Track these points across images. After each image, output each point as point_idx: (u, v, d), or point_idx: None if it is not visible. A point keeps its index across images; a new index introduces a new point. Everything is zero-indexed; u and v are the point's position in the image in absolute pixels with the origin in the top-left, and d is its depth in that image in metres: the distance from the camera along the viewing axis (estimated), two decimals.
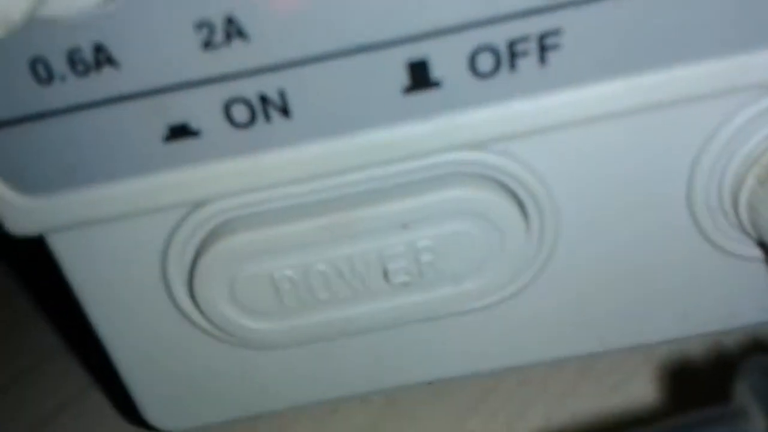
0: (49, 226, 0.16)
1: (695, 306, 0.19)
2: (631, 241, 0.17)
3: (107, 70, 0.14)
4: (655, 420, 0.13)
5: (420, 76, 0.14)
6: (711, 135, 0.16)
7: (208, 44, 0.14)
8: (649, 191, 0.17)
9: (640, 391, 0.20)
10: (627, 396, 0.20)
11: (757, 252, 0.17)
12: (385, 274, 0.17)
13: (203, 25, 0.13)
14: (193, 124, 0.14)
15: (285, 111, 0.14)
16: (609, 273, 0.18)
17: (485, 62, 0.14)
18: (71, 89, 0.14)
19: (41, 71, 0.14)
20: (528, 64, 0.14)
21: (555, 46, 0.14)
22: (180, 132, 0.14)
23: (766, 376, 0.12)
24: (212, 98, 0.14)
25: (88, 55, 0.14)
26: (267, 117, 0.14)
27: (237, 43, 0.14)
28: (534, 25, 0.14)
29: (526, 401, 0.21)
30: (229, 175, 0.15)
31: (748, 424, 0.12)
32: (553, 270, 0.18)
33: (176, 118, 0.14)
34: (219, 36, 0.14)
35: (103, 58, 0.14)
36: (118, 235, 0.16)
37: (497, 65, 0.14)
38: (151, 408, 0.20)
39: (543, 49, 0.14)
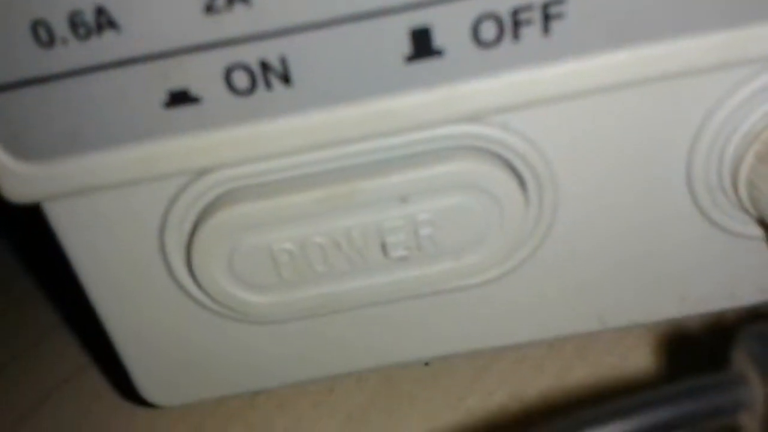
0: (47, 193, 0.15)
1: (695, 285, 0.19)
2: (630, 219, 0.17)
3: (108, 34, 0.14)
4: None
5: (422, 45, 0.14)
6: (711, 111, 0.16)
7: (209, 8, 0.14)
8: (649, 168, 0.17)
9: (638, 370, 0.20)
10: (624, 375, 0.20)
11: (757, 230, 0.17)
12: (384, 248, 0.17)
13: None
14: (194, 91, 0.14)
15: (286, 78, 0.14)
16: (608, 251, 0.18)
17: (488, 31, 0.14)
18: (72, 53, 0.14)
19: (42, 34, 0.14)
20: (531, 33, 0.14)
21: (559, 15, 0.14)
22: (180, 98, 0.14)
23: (764, 342, 0.12)
24: (213, 64, 0.14)
25: (89, 17, 0.13)
26: (268, 84, 0.14)
27: (239, 8, 0.14)
28: None
29: (523, 380, 0.21)
30: (229, 143, 0.15)
31: (746, 390, 0.12)
32: (552, 246, 0.18)
33: (177, 83, 0.14)
34: (221, 0, 0.13)
35: (104, 21, 0.13)
36: (116, 203, 0.16)
37: (500, 34, 0.14)
38: (147, 383, 0.20)
39: (547, 18, 0.14)
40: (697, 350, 0.20)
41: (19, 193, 0.15)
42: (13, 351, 0.26)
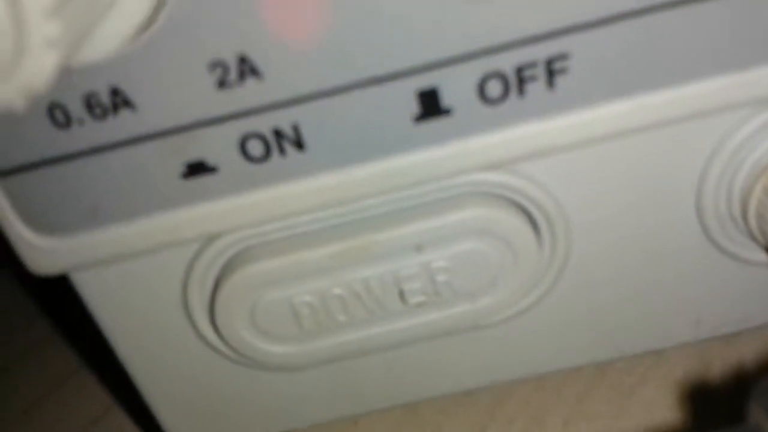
0: (70, 265, 0.16)
1: (709, 310, 0.19)
2: (643, 253, 0.18)
3: (124, 113, 0.14)
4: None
5: (430, 105, 0.14)
6: (717, 148, 0.16)
7: (222, 83, 0.14)
8: (659, 205, 0.17)
9: (656, 393, 0.21)
10: (643, 398, 0.21)
11: (767, 258, 0.18)
12: (402, 295, 0.17)
13: (217, 65, 0.14)
14: (210, 161, 0.15)
15: (299, 144, 0.15)
16: (622, 284, 0.18)
17: (494, 88, 0.14)
18: (89, 132, 0.14)
19: (59, 116, 0.14)
20: (536, 88, 0.14)
21: (562, 70, 0.14)
22: (197, 169, 0.15)
23: None
24: (228, 135, 0.14)
25: (104, 98, 0.14)
26: (282, 150, 0.15)
27: (250, 81, 0.14)
28: (541, 51, 0.14)
29: (542, 406, 0.21)
30: (246, 207, 0.15)
31: None
32: (567, 283, 0.18)
33: (193, 155, 0.15)
34: (233, 75, 0.14)
35: (119, 100, 0.14)
36: (139, 269, 0.16)
37: (506, 91, 0.14)
38: (175, 426, 0.20)
39: (551, 74, 0.14)
40: (718, 401, 0.20)
41: (43, 265, 0.16)
42: (39, 393, 0.26)
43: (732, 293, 0.19)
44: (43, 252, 0.15)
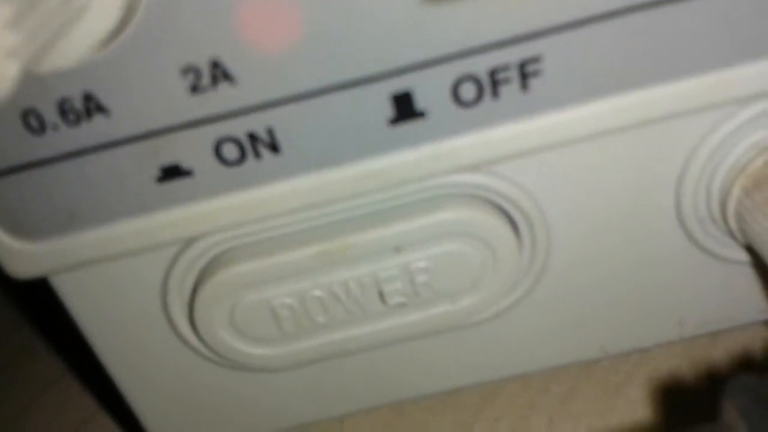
0: (50, 268, 0.16)
1: (692, 309, 0.19)
2: (623, 252, 0.18)
3: (98, 118, 0.14)
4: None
5: (405, 108, 0.14)
6: (695, 148, 0.16)
7: (195, 88, 0.14)
8: (639, 204, 0.17)
9: (642, 391, 0.21)
10: (628, 397, 0.21)
11: (747, 256, 0.18)
12: (381, 296, 0.17)
13: (189, 70, 0.14)
14: (185, 165, 0.15)
15: (274, 147, 0.15)
16: (603, 285, 0.18)
17: (468, 91, 0.14)
18: (64, 138, 0.14)
19: (33, 122, 0.14)
20: (510, 90, 0.14)
21: (536, 73, 0.14)
22: (172, 173, 0.15)
23: (751, 395, 0.12)
24: (202, 139, 0.14)
25: (78, 104, 0.14)
26: (257, 154, 0.15)
27: (223, 86, 0.14)
28: (514, 54, 0.14)
29: (528, 405, 0.21)
30: (222, 210, 0.15)
31: None
32: (548, 283, 0.18)
33: (168, 159, 0.15)
34: (205, 79, 0.14)
35: (93, 106, 0.14)
36: (117, 272, 0.16)
37: (480, 93, 0.14)
38: (159, 429, 0.20)
39: (524, 76, 0.14)
40: (702, 399, 0.20)
41: (22, 270, 0.16)
42: (23, 400, 0.26)
43: (714, 292, 0.19)
44: (21, 256, 0.15)
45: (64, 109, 0.14)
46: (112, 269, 0.16)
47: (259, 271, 0.16)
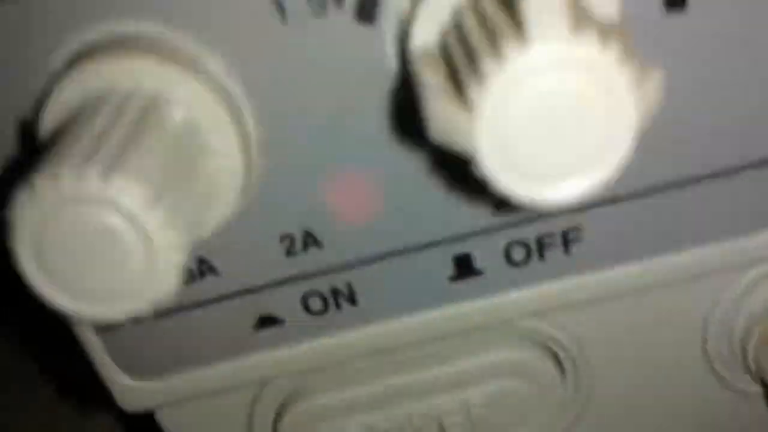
0: (156, 403, 0.18)
1: None
2: (655, 387, 0.20)
3: (208, 277, 0.17)
4: None
5: (464, 267, 0.17)
6: (717, 300, 0.18)
7: (289, 252, 0.17)
8: (668, 347, 0.19)
9: None
10: None
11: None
12: (441, 429, 0.19)
13: (286, 237, 0.16)
14: (278, 315, 0.17)
15: (352, 300, 0.17)
16: (639, 415, 0.20)
17: (518, 254, 0.17)
18: (180, 294, 0.17)
19: None
20: (554, 253, 0.17)
21: (576, 239, 0.17)
22: (268, 321, 0.17)
23: None
24: (293, 293, 0.17)
25: (193, 266, 0.17)
26: (338, 305, 0.17)
27: (312, 250, 0.17)
28: (557, 225, 0.17)
29: None
30: (307, 354, 0.18)
31: None
32: (589, 417, 0.20)
33: (264, 310, 0.17)
34: (298, 245, 0.17)
35: (205, 268, 0.17)
36: (209, 405, 0.19)
37: (528, 256, 0.17)
38: None
39: (566, 243, 0.17)
40: None
41: (132, 403, 0.18)
42: None
43: (734, 421, 0.21)
44: (132, 392, 0.18)
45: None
46: (207, 403, 0.19)
47: (332, 405, 0.19)
